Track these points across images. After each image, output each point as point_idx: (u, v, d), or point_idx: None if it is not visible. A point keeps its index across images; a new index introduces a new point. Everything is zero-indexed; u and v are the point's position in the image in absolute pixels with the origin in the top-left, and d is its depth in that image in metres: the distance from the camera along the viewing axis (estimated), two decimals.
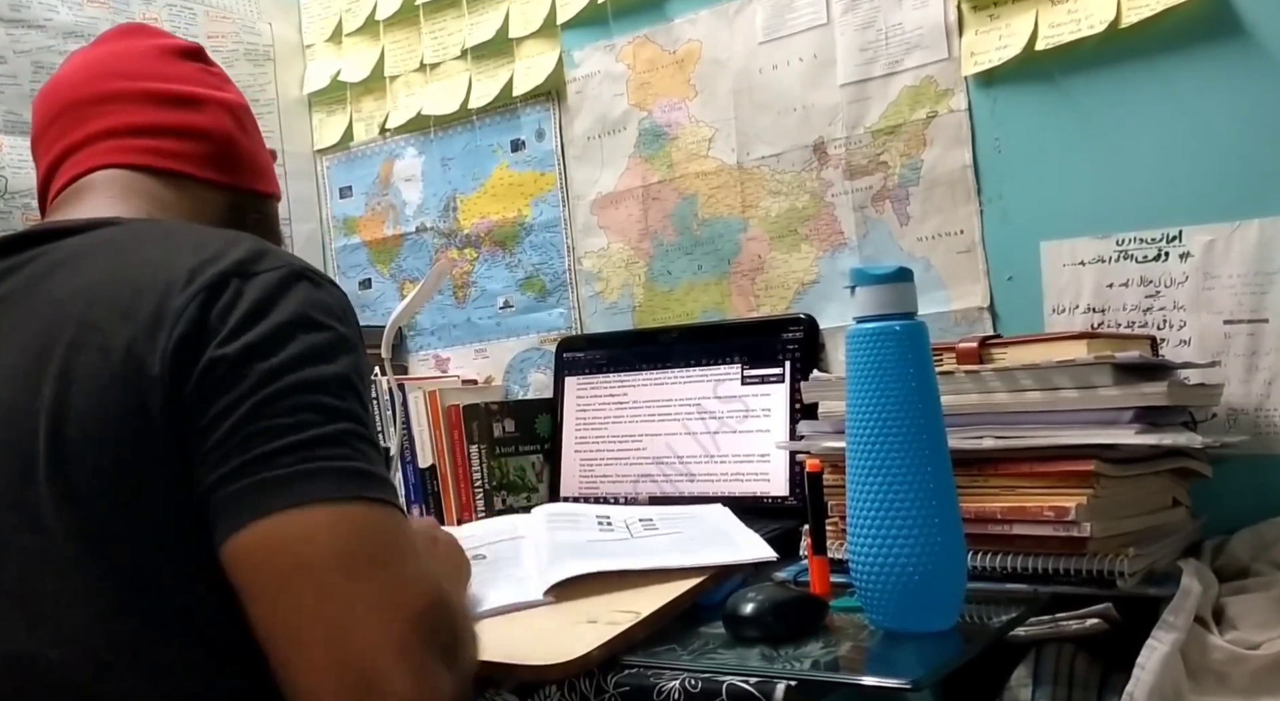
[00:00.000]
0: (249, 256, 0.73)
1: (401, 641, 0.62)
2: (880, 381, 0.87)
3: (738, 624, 0.89)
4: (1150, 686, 0.84)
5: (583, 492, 1.51)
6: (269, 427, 0.66)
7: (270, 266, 0.73)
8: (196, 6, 1.77)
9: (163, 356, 0.67)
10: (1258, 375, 1.13)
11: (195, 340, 0.68)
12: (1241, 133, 1.14)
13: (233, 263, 0.72)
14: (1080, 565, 0.93)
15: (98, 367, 0.69)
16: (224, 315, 0.69)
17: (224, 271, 0.71)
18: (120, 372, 0.68)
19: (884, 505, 0.86)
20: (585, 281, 1.63)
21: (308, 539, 0.64)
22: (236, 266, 0.72)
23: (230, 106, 0.96)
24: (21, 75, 1.55)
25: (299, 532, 0.64)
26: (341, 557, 0.64)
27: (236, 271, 0.71)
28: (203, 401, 0.67)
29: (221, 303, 0.69)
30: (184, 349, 0.68)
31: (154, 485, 0.68)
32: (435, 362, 1.78)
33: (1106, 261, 1.21)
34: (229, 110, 0.96)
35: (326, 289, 0.75)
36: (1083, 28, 1.20)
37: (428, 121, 1.76)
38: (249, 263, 0.72)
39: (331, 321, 0.72)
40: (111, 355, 0.69)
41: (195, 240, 0.76)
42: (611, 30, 1.58)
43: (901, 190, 1.35)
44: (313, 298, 0.73)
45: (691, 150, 1.52)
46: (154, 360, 0.68)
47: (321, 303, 0.73)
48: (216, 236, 0.77)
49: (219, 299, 0.70)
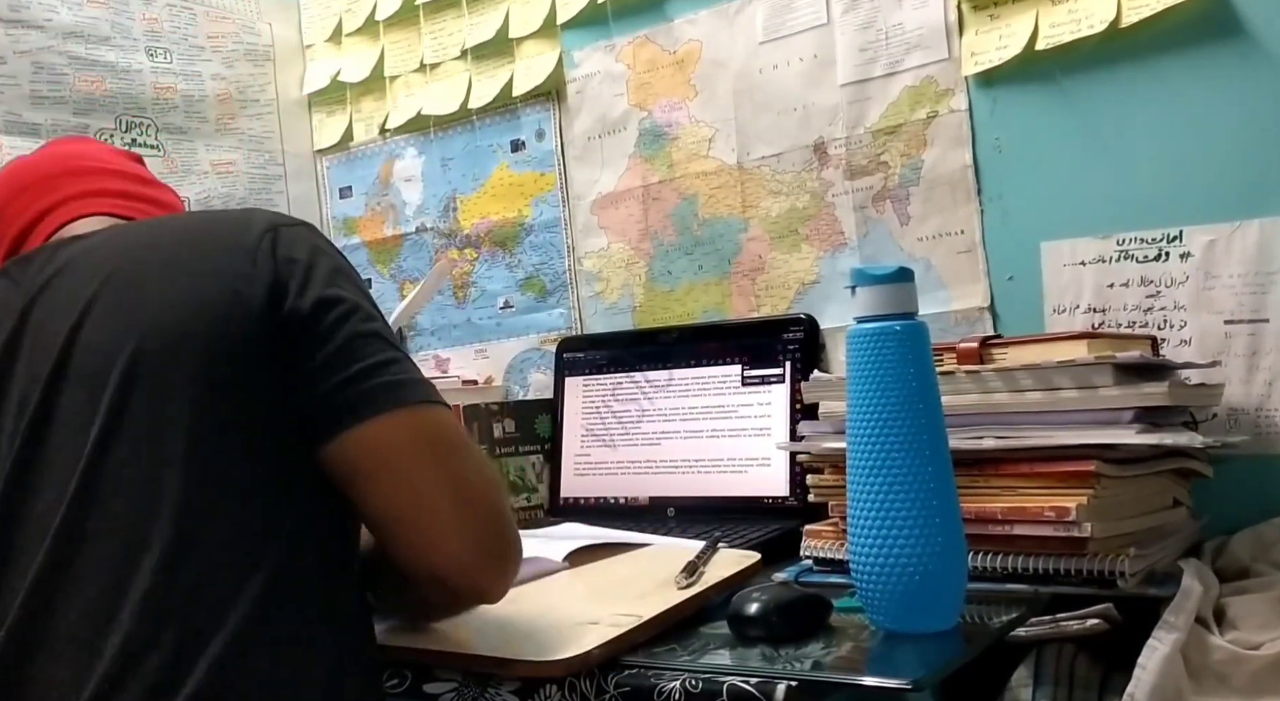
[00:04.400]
0: (274, 215, 0.86)
1: (502, 504, 0.82)
2: (880, 381, 0.87)
3: (743, 624, 0.89)
4: (1151, 686, 0.84)
5: (582, 493, 1.51)
6: (365, 346, 0.79)
7: (295, 221, 0.87)
8: (196, 7, 1.77)
9: (255, 284, 0.78)
10: (1258, 375, 1.13)
11: (278, 272, 0.79)
12: (1241, 133, 1.14)
13: (269, 217, 0.85)
14: (1081, 565, 0.93)
15: (191, 297, 0.79)
16: (290, 252, 0.81)
17: (270, 220, 0.84)
18: (215, 298, 0.78)
19: (884, 505, 0.86)
20: (585, 281, 1.63)
21: (419, 428, 0.79)
22: (274, 219, 0.85)
23: (179, 196, 1.09)
24: (21, 75, 1.55)
25: (412, 424, 0.79)
26: (450, 440, 0.81)
27: (277, 222, 0.84)
28: (305, 325, 0.78)
29: (284, 242, 0.81)
30: (273, 277, 0.79)
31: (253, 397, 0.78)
32: (435, 363, 1.78)
33: (1107, 261, 1.21)
34: (178, 198, 1.09)
35: (330, 242, 0.89)
36: (1083, 28, 1.20)
37: (428, 121, 1.76)
38: (277, 219, 0.85)
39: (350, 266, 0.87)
40: (203, 283, 0.79)
41: (215, 212, 0.96)
42: (611, 30, 1.58)
43: (902, 190, 1.35)
44: (333, 246, 0.87)
45: (692, 150, 1.52)
46: (248, 288, 0.78)
47: (337, 249, 0.87)
48: (227, 210, 0.97)
49: (280, 239, 0.82)
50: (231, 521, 0.75)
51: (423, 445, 0.79)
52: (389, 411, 0.77)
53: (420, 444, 0.79)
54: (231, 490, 0.76)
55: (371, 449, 0.78)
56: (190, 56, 1.75)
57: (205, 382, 0.76)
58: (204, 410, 0.76)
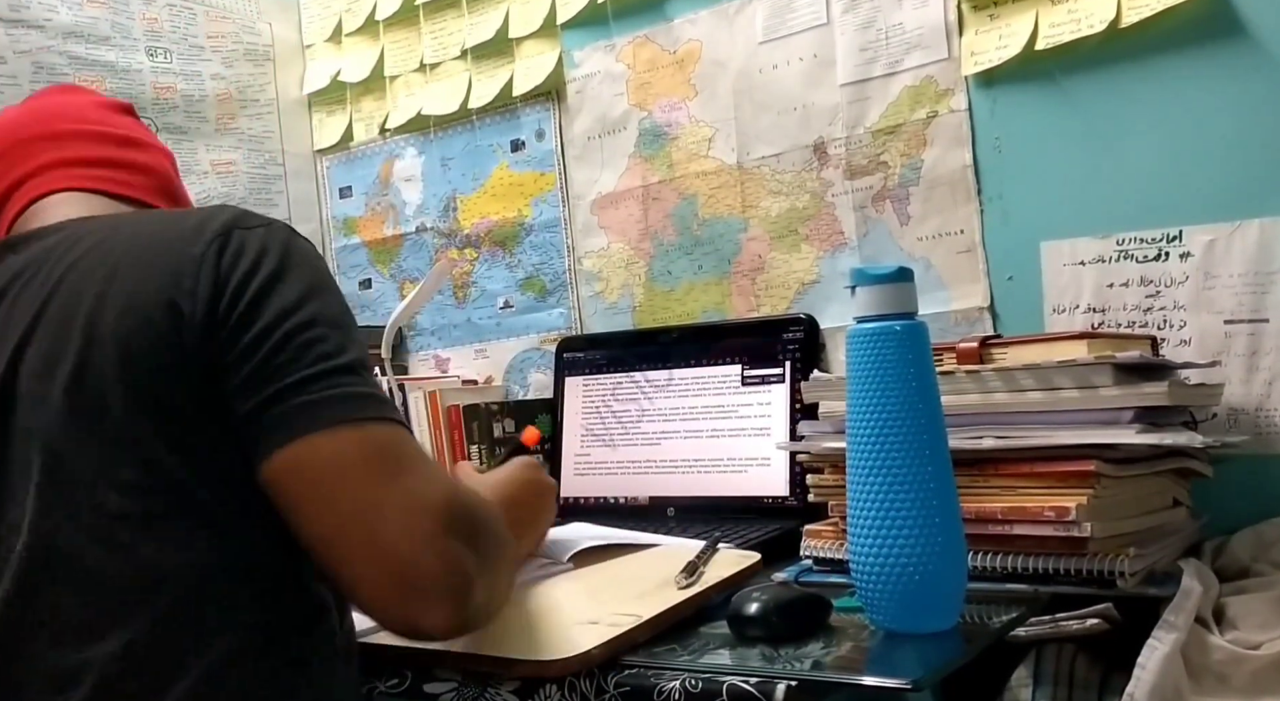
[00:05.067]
0: (238, 214, 0.83)
1: (426, 532, 0.72)
2: (880, 381, 0.87)
3: (743, 624, 0.89)
4: (1151, 686, 0.84)
5: (582, 493, 1.51)
6: (295, 359, 0.75)
7: (259, 222, 0.82)
8: (196, 6, 1.77)
9: (194, 298, 0.76)
10: (1258, 375, 1.13)
11: (219, 283, 0.77)
12: (1241, 133, 1.14)
13: (228, 218, 0.82)
14: (1081, 565, 0.93)
15: (131, 313, 0.76)
16: (235, 261, 0.78)
17: (226, 223, 0.80)
18: (153, 315, 0.76)
19: (884, 505, 0.86)
20: (585, 281, 1.63)
21: (340, 453, 0.73)
22: (233, 220, 0.81)
23: (165, 152, 1.06)
24: (21, 75, 1.55)
25: (332, 448, 0.73)
26: (369, 467, 0.73)
27: (235, 224, 0.81)
28: (232, 338, 0.75)
29: (231, 249, 0.78)
30: (213, 291, 0.76)
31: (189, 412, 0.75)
32: (435, 363, 1.78)
33: (1107, 261, 1.21)
34: (165, 154, 1.05)
35: (304, 239, 0.85)
36: (1083, 28, 1.20)
37: (428, 121, 1.76)
38: (240, 219, 0.82)
39: (320, 265, 0.83)
40: (142, 298, 0.77)
41: (182, 212, 0.89)
42: (611, 30, 1.58)
43: (902, 190, 1.35)
44: (302, 246, 0.83)
45: (691, 150, 1.52)
46: (187, 302, 0.76)
47: (308, 249, 0.83)
48: (199, 209, 0.88)
49: (229, 246, 0.78)
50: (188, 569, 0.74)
51: (334, 470, 0.73)
52: (302, 436, 0.73)
53: (332, 469, 0.73)
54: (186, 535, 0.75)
55: (287, 474, 0.73)
56: (190, 56, 1.75)
57: (151, 412, 0.75)
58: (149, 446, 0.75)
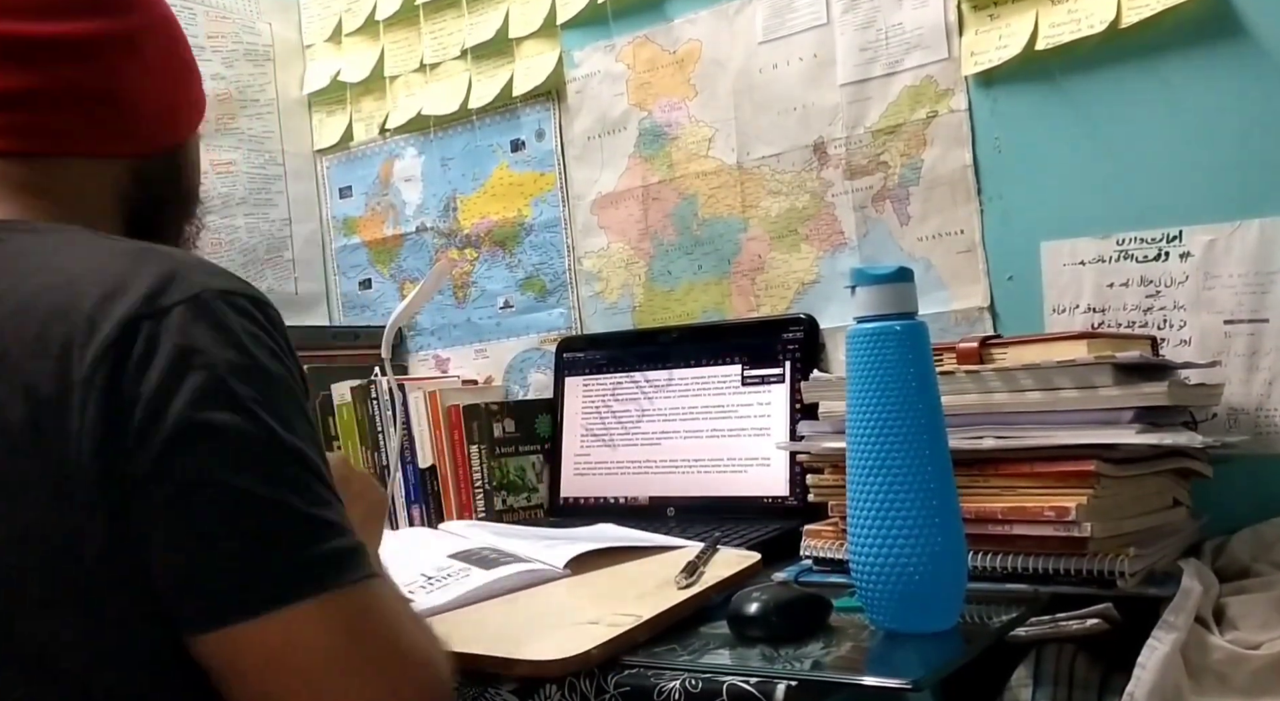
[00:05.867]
0: (156, 285, 0.63)
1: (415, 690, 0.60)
2: (880, 381, 0.87)
3: (743, 623, 0.89)
4: (1151, 686, 0.84)
5: (582, 493, 1.51)
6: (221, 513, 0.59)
7: (180, 296, 0.62)
8: (196, 6, 1.77)
9: (78, 436, 0.59)
10: (1258, 375, 1.13)
11: (118, 415, 0.59)
12: (1241, 133, 1.14)
13: (139, 298, 0.62)
14: (1080, 565, 0.93)
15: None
16: (139, 375, 0.60)
17: (131, 315, 0.61)
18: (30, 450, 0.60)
19: (884, 505, 0.86)
20: (585, 281, 1.63)
21: (293, 641, 0.59)
22: (144, 302, 0.62)
23: (118, 37, 0.74)
24: None
25: (283, 635, 0.59)
26: (330, 656, 0.60)
27: (145, 310, 0.61)
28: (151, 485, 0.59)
29: (135, 355, 0.60)
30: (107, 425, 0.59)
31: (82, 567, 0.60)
32: (435, 363, 1.78)
33: (1107, 261, 1.21)
34: (117, 43, 0.74)
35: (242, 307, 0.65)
36: (1083, 28, 1.20)
37: (428, 121, 1.76)
38: (156, 295, 0.62)
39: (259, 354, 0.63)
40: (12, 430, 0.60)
41: (92, 264, 0.65)
42: (611, 30, 1.58)
43: (901, 190, 1.35)
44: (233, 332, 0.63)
45: (691, 150, 1.52)
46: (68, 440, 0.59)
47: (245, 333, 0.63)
48: (118, 256, 0.66)
49: (130, 353, 0.60)
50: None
51: (283, 664, 0.59)
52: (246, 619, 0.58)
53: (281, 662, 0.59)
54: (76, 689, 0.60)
55: (231, 658, 0.60)
56: None
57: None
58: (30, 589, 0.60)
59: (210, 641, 0.59)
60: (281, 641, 0.59)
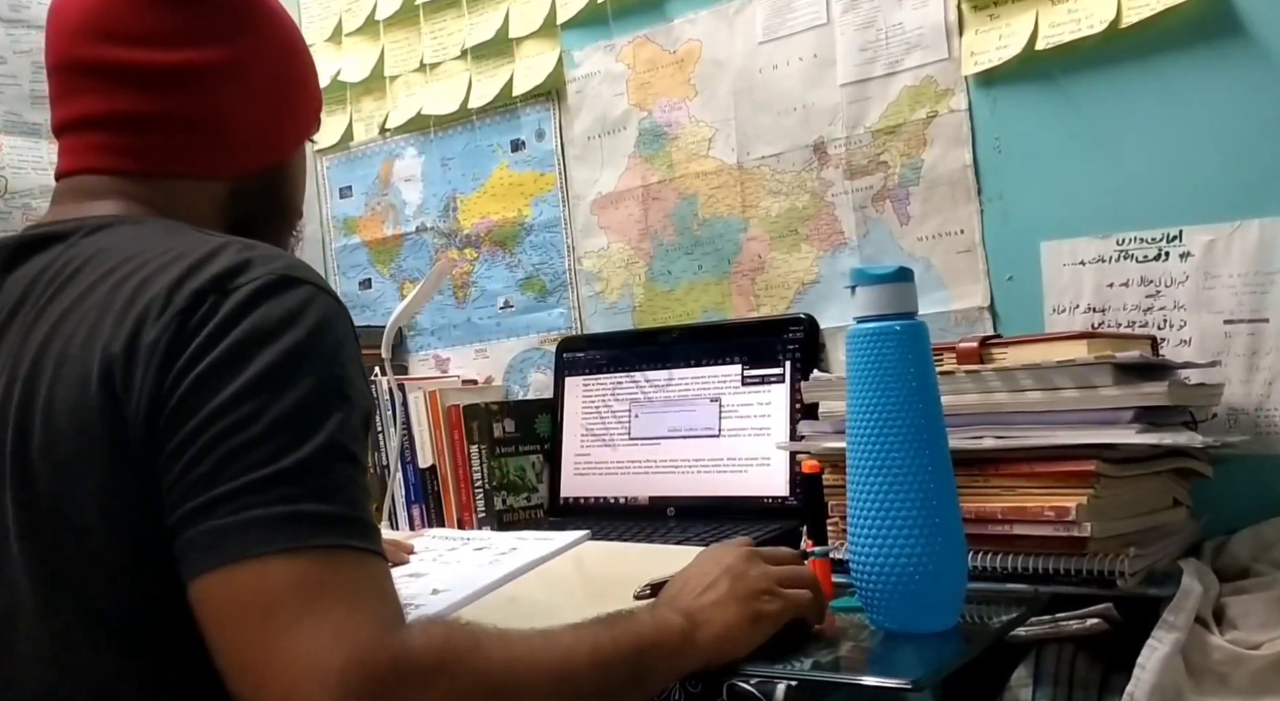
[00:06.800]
0: (231, 267, 0.69)
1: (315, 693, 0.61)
2: (880, 381, 0.87)
3: None
4: (1151, 686, 0.84)
5: (582, 493, 1.50)
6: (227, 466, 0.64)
7: (247, 279, 0.68)
8: None
9: (139, 392, 0.66)
10: (1258, 375, 1.13)
11: (167, 373, 0.66)
12: (1241, 133, 1.14)
13: (212, 277, 0.68)
14: (1080, 565, 0.93)
15: (74, 398, 0.68)
16: (191, 336, 0.67)
17: (200, 288, 0.68)
18: (97, 404, 0.67)
19: (884, 505, 0.86)
20: (585, 281, 1.63)
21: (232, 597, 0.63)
22: (214, 281, 0.68)
23: (224, 66, 0.80)
24: (21, 75, 1.55)
25: (226, 590, 0.63)
26: (263, 614, 0.62)
27: (214, 286, 0.68)
28: (169, 434, 0.65)
29: (193, 323, 0.67)
30: (159, 382, 0.66)
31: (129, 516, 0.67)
32: (435, 363, 1.78)
33: (1107, 261, 1.21)
34: (223, 72, 0.80)
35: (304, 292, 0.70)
36: (1083, 28, 1.20)
37: (428, 121, 1.76)
38: (228, 276, 0.69)
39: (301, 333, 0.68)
40: (89, 385, 0.67)
41: (182, 249, 0.72)
42: (611, 30, 1.58)
43: (901, 190, 1.35)
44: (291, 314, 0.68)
45: (691, 150, 1.52)
46: (131, 396, 0.66)
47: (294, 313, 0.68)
48: (204, 243, 0.72)
49: (190, 321, 0.67)
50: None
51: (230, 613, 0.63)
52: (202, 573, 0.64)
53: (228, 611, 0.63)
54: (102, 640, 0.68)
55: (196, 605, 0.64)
56: None
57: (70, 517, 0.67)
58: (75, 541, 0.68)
59: (197, 584, 0.64)
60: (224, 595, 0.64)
